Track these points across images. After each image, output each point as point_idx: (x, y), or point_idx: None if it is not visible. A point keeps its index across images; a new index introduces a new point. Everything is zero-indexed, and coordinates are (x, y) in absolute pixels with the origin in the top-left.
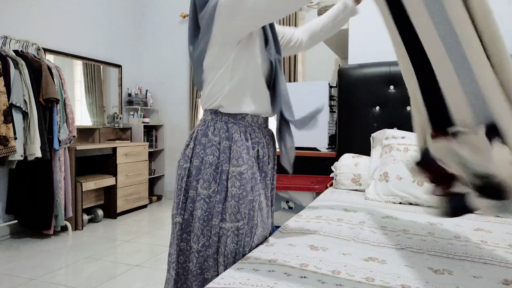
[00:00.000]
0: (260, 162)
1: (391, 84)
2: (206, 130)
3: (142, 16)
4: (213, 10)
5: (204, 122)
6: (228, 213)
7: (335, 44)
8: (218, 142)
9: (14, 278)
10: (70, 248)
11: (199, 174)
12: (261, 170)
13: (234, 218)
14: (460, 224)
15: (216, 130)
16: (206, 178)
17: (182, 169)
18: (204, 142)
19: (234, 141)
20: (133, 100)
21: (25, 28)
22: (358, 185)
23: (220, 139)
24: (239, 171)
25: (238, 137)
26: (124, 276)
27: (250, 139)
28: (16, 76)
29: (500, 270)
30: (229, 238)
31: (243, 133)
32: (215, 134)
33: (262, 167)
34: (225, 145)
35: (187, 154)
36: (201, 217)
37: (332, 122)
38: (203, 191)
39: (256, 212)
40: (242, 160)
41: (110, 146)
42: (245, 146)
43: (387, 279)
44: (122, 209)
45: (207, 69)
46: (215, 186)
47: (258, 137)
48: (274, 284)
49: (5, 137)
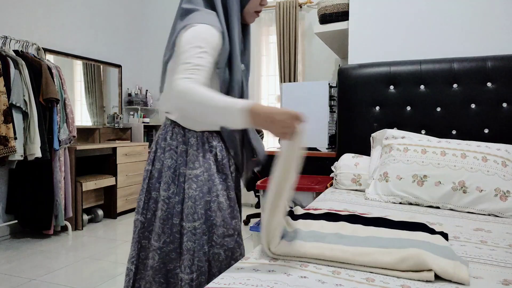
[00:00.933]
0: (219, 164)
1: (391, 84)
2: (165, 135)
3: (142, 16)
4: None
5: (164, 127)
6: (185, 213)
7: (335, 44)
8: (176, 146)
9: (14, 278)
10: (70, 248)
11: (160, 177)
12: (221, 173)
13: (191, 218)
14: (460, 224)
15: (174, 135)
16: (165, 181)
17: (145, 171)
18: (164, 146)
19: (190, 145)
20: (133, 100)
21: (25, 28)
22: (358, 185)
23: (177, 143)
24: (195, 174)
25: (194, 141)
26: (124, 276)
27: (207, 143)
28: (16, 76)
29: (500, 270)
30: (190, 236)
31: (200, 137)
32: (173, 138)
33: (222, 170)
34: (182, 149)
35: (150, 157)
36: (161, 217)
37: (332, 122)
38: (163, 193)
39: (214, 212)
40: (198, 163)
41: (110, 146)
42: (201, 149)
43: (387, 279)
44: (122, 209)
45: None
46: (174, 188)
47: (215, 141)
48: (274, 284)
49: (5, 137)
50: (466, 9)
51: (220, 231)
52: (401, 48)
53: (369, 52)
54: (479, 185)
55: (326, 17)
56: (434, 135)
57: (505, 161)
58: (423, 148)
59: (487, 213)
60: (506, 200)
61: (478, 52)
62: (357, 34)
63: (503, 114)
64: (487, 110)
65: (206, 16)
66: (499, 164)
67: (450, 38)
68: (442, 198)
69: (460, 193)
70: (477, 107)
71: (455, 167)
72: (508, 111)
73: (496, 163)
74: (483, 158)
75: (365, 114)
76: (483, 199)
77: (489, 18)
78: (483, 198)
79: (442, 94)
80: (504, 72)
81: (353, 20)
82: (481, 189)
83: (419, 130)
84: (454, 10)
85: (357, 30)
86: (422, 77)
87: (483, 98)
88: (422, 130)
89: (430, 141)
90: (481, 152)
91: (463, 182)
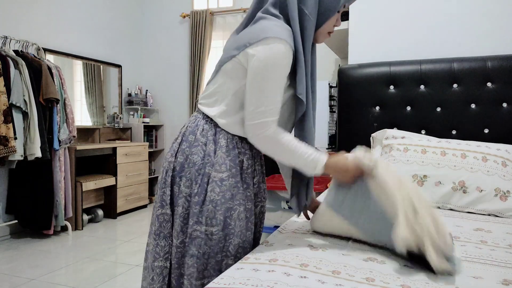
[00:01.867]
0: (244, 172)
1: (391, 84)
2: (195, 128)
3: (142, 16)
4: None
5: (195, 120)
6: (204, 216)
7: (335, 44)
8: (205, 143)
9: (14, 278)
10: (70, 248)
11: (182, 171)
12: (243, 181)
13: (210, 223)
14: (460, 224)
15: (205, 131)
16: (188, 177)
17: (167, 163)
18: (191, 140)
19: (219, 146)
20: (133, 100)
21: (25, 28)
22: None
23: (207, 140)
24: (220, 177)
25: (224, 143)
26: (124, 276)
27: (237, 148)
28: (16, 76)
29: (500, 270)
30: (203, 240)
31: (230, 140)
32: (203, 134)
33: (245, 179)
34: (210, 148)
35: (174, 148)
36: (181, 214)
37: (332, 122)
38: (185, 189)
39: (233, 221)
40: (225, 167)
41: (110, 146)
42: (231, 153)
43: (387, 279)
44: (122, 209)
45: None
46: (195, 187)
47: (244, 147)
48: (274, 284)
49: (5, 137)
50: (466, 9)
51: (236, 242)
52: (401, 48)
53: (369, 52)
54: (479, 185)
55: None
56: (434, 135)
57: (505, 161)
58: (423, 148)
59: (487, 213)
60: (506, 200)
61: (478, 52)
62: (357, 34)
63: (503, 114)
64: (487, 110)
65: (284, 31)
66: (499, 164)
67: (450, 38)
68: (442, 198)
69: (460, 193)
70: (477, 107)
71: (455, 167)
72: (508, 111)
73: (496, 163)
74: (483, 158)
75: (365, 114)
76: (483, 199)
77: (489, 18)
78: (483, 198)
79: (442, 94)
80: (504, 72)
81: (353, 20)
82: (481, 189)
83: (419, 130)
84: (454, 10)
85: (357, 30)
86: (422, 77)
87: (483, 98)
88: (422, 130)
89: (430, 141)
90: (481, 152)
91: (463, 182)
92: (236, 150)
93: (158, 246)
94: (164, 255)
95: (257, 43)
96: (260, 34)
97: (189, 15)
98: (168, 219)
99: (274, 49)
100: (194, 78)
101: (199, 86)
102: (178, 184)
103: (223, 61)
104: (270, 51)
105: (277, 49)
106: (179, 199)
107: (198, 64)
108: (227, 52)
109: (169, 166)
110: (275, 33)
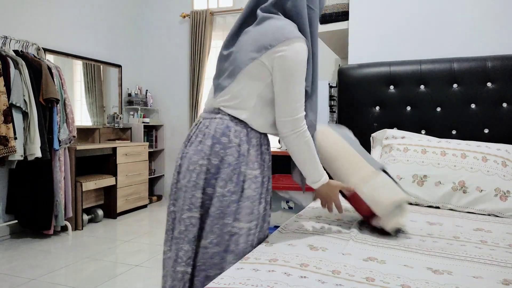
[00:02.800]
0: (267, 168)
1: (391, 84)
2: (226, 130)
3: (142, 16)
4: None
5: (222, 122)
6: (242, 213)
7: (335, 44)
8: (238, 144)
9: (14, 278)
10: (70, 248)
11: (218, 173)
12: (267, 176)
13: (248, 219)
14: (460, 224)
15: (237, 132)
16: (223, 178)
17: (198, 165)
18: (225, 141)
19: (252, 145)
20: (133, 100)
21: (25, 28)
22: None
23: (240, 141)
24: (255, 174)
25: (255, 142)
26: (124, 276)
27: (263, 145)
28: (16, 76)
29: (500, 270)
30: (242, 237)
31: (259, 138)
32: (236, 135)
33: (267, 173)
34: (244, 148)
35: (205, 151)
36: (214, 214)
37: (332, 122)
38: (220, 190)
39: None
40: (258, 164)
41: (110, 146)
42: (260, 151)
43: (387, 279)
44: (122, 209)
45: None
46: (231, 186)
47: (267, 143)
48: (274, 284)
49: (5, 137)
50: (466, 9)
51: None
52: (401, 48)
53: (369, 52)
54: (479, 185)
55: (326, 17)
56: (434, 135)
57: (505, 161)
58: (423, 148)
59: (487, 213)
60: (506, 200)
61: (478, 52)
62: (357, 34)
63: (503, 114)
64: (487, 110)
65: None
66: (499, 164)
67: (450, 38)
68: (442, 198)
69: (460, 193)
70: (477, 107)
71: (455, 167)
72: (508, 111)
73: (496, 163)
74: (483, 158)
75: (365, 114)
76: (483, 199)
77: (489, 18)
78: (483, 198)
79: (442, 94)
80: (504, 72)
81: (353, 20)
82: (481, 189)
83: (419, 130)
84: (454, 10)
85: (357, 30)
86: (422, 77)
87: (483, 98)
88: (422, 130)
89: (430, 141)
90: (481, 152)
91: (463, 182)
92: (263, 147)
93: (181, 250)
94: (186, 259)
95: (280, 44)
96: (281, 35)
97: (189, 15)
98: (195, 223)
99: (297, 49)
100: (194, 78)
101: (199, 86)
102: (212, 186)
103: (243, 64)
104: (295, 50)
105: (300, 48)
106: (214, 199)
107: (198, 64)
108: (244, 55)
109: (200, 169)
110: (295, 33)
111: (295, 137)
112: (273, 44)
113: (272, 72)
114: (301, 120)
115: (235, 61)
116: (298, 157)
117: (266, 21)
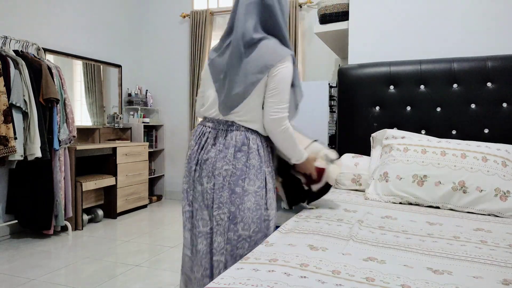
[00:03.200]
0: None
1: (391, 84)
2: (245, 140)
3: (142, 16)
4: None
5: (240, 133)
6: (268, 203)
7: (335, 44)
8: (257, 149)
9: (14, 278)
10: (70, 248)
11: (243, 174)
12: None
13: (272, 207)
14: (460, 224)
15: (253, 139)
16: (251, 177)
17: (223, 170)
18: (245, 149)
19: (264, 147)
20: (133, 100)
21: (25, 28)
22: (358, 185)
23: (258, 147)
24: (269, 171)
25: (266, 144)
26: (124, 276)
27: (269, 145)
28: (16, 76)
29: (500, 270)
30: (271, 222)
31: (267, 141)
32: (254, 142)
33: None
34: (261, 151)
35: (228, 158)
36: (251, 208)
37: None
38: (251, 187)
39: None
40: (270, 161)
41: (110, 146)
42: (268, 150)
43: (387, 279)
44: (122, 209)
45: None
46: (258, 183)
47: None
48: (274, 284)
49: (5, 137)
50: (466, 9)
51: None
52: (401, 48)
53: (369, 52)
54: (479, 185)
55: (326, 17)
56: (434, 135)
57: (505, 161)
58: (423, 148)
59: (487, 213)
60: (506, 200)
61: (478, 52)
62: (357, 34)
63: (503, 114)
64: (487, 110)
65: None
66: (499, 164)
67: (450, 38)
68: (442, 198)
69: (460, 193)
70: (477, 107)
71: (455, 167)
72: (508, 111)
73: (496, 163)
74: (483, 158)
75: (365, 114)
76: (483, 199)
77: (489, 18)
78: (483, 198)
79: (442, 94)
80: (504, 72)
81: (353, 20)
82: (481, 189)
83: (419, 130)
84: (454, 10)
85: (357, 30)
86: (422, 77)
87: (483, 98)
88: (422, 130)
89: (430, 141)
90: (481, 152)
91: (463, 182)
92: (269, 148)
93: (214, 242)
94: (220, 250)
95: (277, 64)
96: (276, 56)
97: (189, 15)
98: (224, 218)
99: (289, 65)
100: (194, 78)
101: (199, 86)
102: (240, 186)
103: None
104: (287, 67)
105: (290, 64)
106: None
107: (198, 64)
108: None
109: (226, 173)
110: (286, 52)
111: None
112: (273, 63)
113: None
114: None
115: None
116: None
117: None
